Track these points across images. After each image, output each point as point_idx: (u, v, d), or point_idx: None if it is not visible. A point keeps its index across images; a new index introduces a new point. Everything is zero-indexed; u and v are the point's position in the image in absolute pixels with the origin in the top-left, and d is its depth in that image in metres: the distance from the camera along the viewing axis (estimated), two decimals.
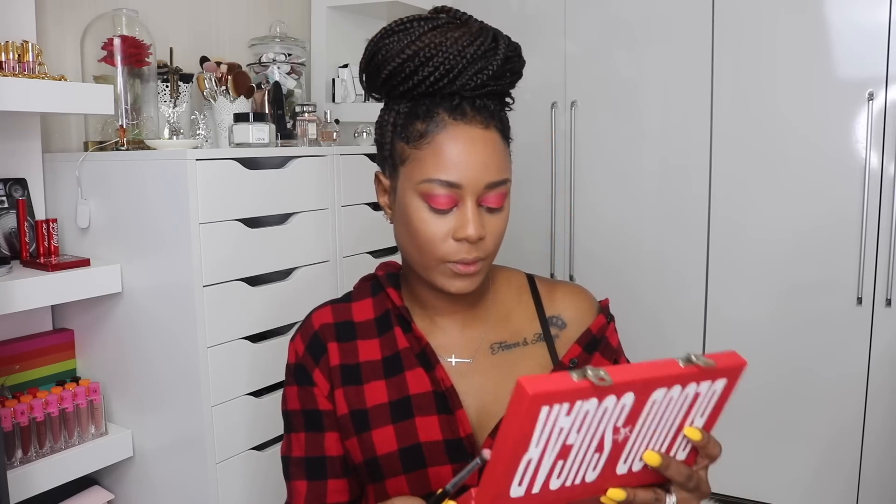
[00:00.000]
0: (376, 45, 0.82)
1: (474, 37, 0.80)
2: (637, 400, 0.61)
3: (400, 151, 0.83)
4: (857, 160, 1.91)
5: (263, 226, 1.48)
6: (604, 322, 0.92)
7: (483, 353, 0.89)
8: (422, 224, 0.80)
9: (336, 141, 1.79)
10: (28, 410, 1.30)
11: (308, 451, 0.88)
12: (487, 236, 0.81)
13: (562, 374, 0.57)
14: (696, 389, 0.63)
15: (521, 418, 0.56)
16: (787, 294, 2.03)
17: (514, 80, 0.85)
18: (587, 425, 0.60)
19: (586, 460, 0.63)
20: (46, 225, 1.43)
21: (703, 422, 0.67)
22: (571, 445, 0.60)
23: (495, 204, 0.81)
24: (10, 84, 1.20)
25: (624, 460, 0.65)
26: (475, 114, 0.80)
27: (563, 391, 0.56)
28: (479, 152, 0.79)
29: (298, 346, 0.92)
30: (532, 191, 2.36)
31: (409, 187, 0.81)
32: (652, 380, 0.60)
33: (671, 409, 0.64)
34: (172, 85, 1.64)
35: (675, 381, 0.62)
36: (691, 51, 2.08)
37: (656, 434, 0.65)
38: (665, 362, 0.62)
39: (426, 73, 0.79)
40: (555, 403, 0.56)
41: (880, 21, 1.85)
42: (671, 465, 0.66)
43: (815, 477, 2.05)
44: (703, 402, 0.65)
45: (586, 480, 0.64)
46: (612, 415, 0.60)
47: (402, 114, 0.83)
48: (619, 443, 0.63)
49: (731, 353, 0.65)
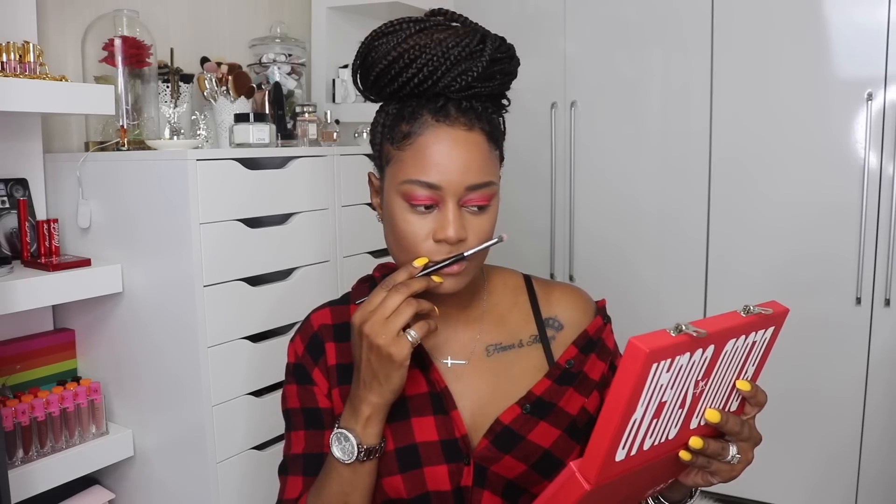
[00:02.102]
0: (367, 47, 0.83)
1: (460, 38, 0.80)
2: (715, 352, 0.63)
3: (386, 152, 0.83)
4: (856, 160, 1.91)
5: (263, 226, 1.49)
6: (601, 323, 0.93)
7: (478, 354, 0.90)
8: (403, 224, 0.81)
9: (336, 141, 1.79)
10: (29, 410, 1.31)
11: (307, 447, 0.89)
12: (471, 237, 0.81)
13: (660, 332, 0.59)
14: (754, 338, 0.67)
15: (634, 378, 0.56)
16: (787, 294, 2.03)
17: (505, 81, 0.85)
18: (679, 380, 0.61)
19: (672, 417, 0.64)
20: (47, 225, 1.43)
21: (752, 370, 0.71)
22: (665, 403, 0.62)
23: (480, 204, 0.81)
24: (11, 84, 1.20)
25: (696, 415, 0.67)
26: (459, 115, 0.80)
27: (669, 346, 0.58)
28: (460, 154, 0.79)
29: (298, 346, 0.93)
30: (532, 191, 2.36)
31: (392, 187, 0.82)
32: (728, 330, 0.63)
33: (735, 359, 0.67)
34: (173, 85, 1.64)
35: (743, 331, 0.65)
36: (691, 51, 2.08)
37: (721, 386, 0.68)
38: (729, 314, 0.65)
39: (410, 75, 0.79)
40: (662, 360, 0.58)
41: (879, 21, 1.85)
42: (729, 419, 0.69)
43: (814, 476, 2.05)
44: (756, 352, 0.69)
45: (668, 437, 0.66)
46: (696, 368, 0.62)
47: (391, 115, 0.83)
48: (696, 397, 0.65)
49: (773, 302, 0.70)
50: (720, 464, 0.71)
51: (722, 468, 0.71)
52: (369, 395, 0.79)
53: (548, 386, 0.87)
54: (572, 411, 0.87)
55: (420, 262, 0.79)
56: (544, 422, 0.85)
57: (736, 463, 0.71)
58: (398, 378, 0.78)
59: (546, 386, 0.87)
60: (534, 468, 0.85)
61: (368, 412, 0.79)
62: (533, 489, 0.86)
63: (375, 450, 0.81)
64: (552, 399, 0.87)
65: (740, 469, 0.72)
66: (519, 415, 0.85)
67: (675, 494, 0.81)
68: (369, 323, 0.77)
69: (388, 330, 0.76)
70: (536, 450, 0.85)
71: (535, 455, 0.85)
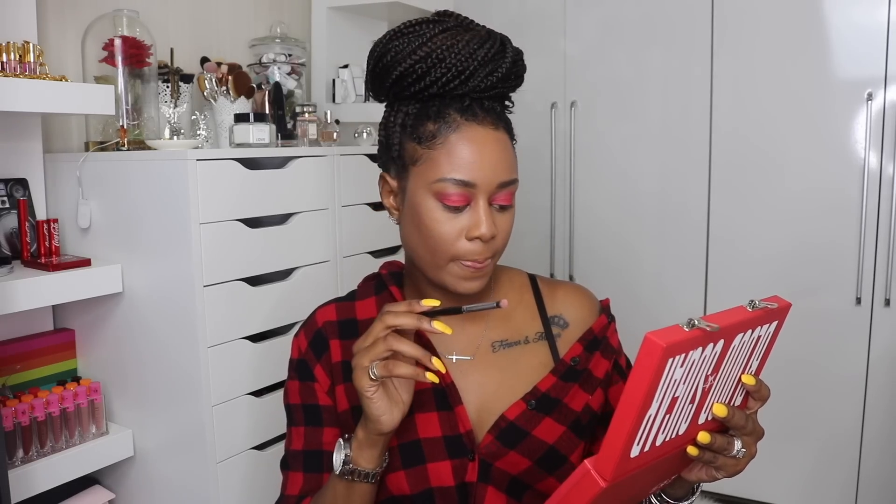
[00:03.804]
0: (385, 47, 0.83)
1: (483, 40, 0.81)
2: (724, 346, 0.63)
3: (411, 152, 0.83)
4: (856, 160, 1.91)
5: (264, 226, 1.49)
6: (605, 322, 0.93)
7: (484, 350, 0.90)
8: (435, 223, 0.81)
9: (336, 141, 1.79)
10: (29, 410, 1.31)
11: (307, 444, 0.90)
12: (497, 235, 0.82)
13: (674, 327, 0.59)
14: (759, 333, 0.67)
15: (651, 373, 0.56)
16: (787, 294, 2.01)
17: (517, 83, 0.87)
18: (692, 375, 0.61)
19: (683, 412, 0.64)
20: (47, 225, 1.43)
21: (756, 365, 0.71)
22: (677, 398, 0.62)
23: (505, 202, 0.83)
24: (11, 84, 1.20)
25: (705, 410, 0.67)
26: (485, 115, 0.82)
27: (684, 341, 0.58)
28: (491, 152, 0.81)
29: (301, 341, 0.93)
30: (532, 191, 2.36)
31: (421, 187, 0.82)
32: (737, 324, 0.63)
33: (742, 354, 0.67)
34: (173, 85, 1.64)
35: (749, 326, 0.65)
36: (691, 51, 2.08)
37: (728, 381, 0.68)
38: (736, 309, 0.66)
39: (439, 74, 0.80)
40: (677, 354, 0.58)
41: (879, 21, 1.85)
42: (735, 414, 0.69)
43: (814, 476, 2.05)
44: (760, 346, 0.69)
45: (679, 433, 0.66)
46: (707, 363, 0.62)
47: (412, 115, 0.83)
48: (706, 392, 0.65)
49: (776, 297, 0.70)
50: (726, 458, 0.71)
51: (727, 463, 0.71)
52: (362, 422, 0.78)
53: (553, 382, 0.88)
54: (577, 408, 0.88)
55: (427, 303, 0.75)
56: (549, 418, 0.86)
57: (741, 457, 0.72)
58: (368, 409, 0.76)
59: (551, 382, 0.88)
60: (538, 464, 0.85)
61: (361, 436, 0.79)
62: (536, 485, 0.86)
63: (365, 474, 0.79)
64: (557, 395, 0.87)
65: (745, 463, 0.73)
66: (524, 411, 0.85)
67: (677, 491, 0.81)
68: (356, 343, 0.77)
69: (361, 356, 0.75)
70: (541, 446, 0.85)
71: (539, 451, 0.85)
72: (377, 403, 0.75)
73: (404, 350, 0.73)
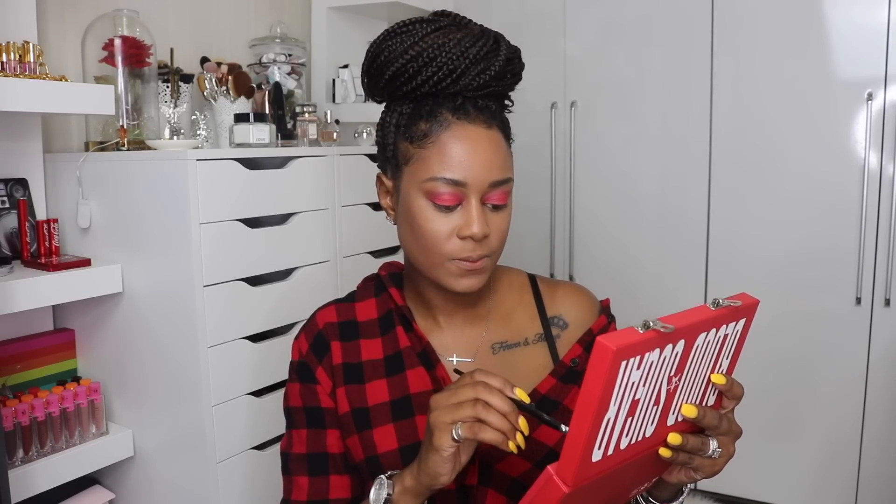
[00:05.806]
0: (378, 47, 0.83)
1: (476, 38, 0.81)
2: (686, 347, 0.63)
3: (404, 151, 0.83)
4: (856, 160, 1.91)
5: (264, 226, 1.49)
6: (605, 322, 0.93)
7: (484, 352, 0.90)
8: (426, 223, 0.81)
9: (336, 141, 1.79)
10: (29, 410, 1.31)
11: (310, 447, 0.89)
12: (492, 234, 0.82)
13: (628, 329, 0.58)
14: (725, 331, 0.67)
15: (604, 377, 0.56)
16: (787, 294, 2.03)
17: (514, 82, 0.86)
18: (651, 377, 0.61)
19: (647, 414, 0.64)
20: (47, 225, 1.43)
21: (727, 364, 0.70)
22: (638, 400, 0.61)
23: (499, 202, 0.82)
24: (11, 84, 1.20)
25: (672, 411, 0.67)
26: (478, 113, 0.81)
27: (637, 343, 0.57)
28: (483, 151, 0.80)
29: (302, 344, 0.92)
30: (532, 191, 2.36)
31: (413, 186, 0.82)
32: (698, 324, 0.63)
33: (708, 353, 0.66)
34: (173, 85, 1.64)
35: (712, 325, 0.64)
36: (691, 51, 2.08)
37: (696, 381, 0.67)
38: (698, 308, 0.65)
39: (430, 73, 0.80)
40: (631, 357, 0.57)
41: (879, 21, 1.85)
42: (707, 414, 0.68)
43: (814, 476, 2.05)
44: (728, 345, 0.69)
45: (646, 435, 0.65)
46: (668, 364, 0.62)
47: (405, 114, 0.83)
48: (671, 393, 0.65)
49: (743, 295, 0.69)
50: (702, 459, 0.70)
51: (704, 463, 0.71)
52: (414, 470, 0.75)
53: (553, 384, 0.87)
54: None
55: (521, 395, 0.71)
56: None
57: (717, 457, 0.71)
58: (433, 465, 0.72)
59: (551, 384, 0.87)
60: (538, 466, 0.85)
61: (409, 484, 0.76)
62: None
63: None
64: (557, 397, 0.87)
65: (722, 463, 0.72)
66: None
67: (663, 493, 0.80)
68: (437, 396, 0.74)
69: (445, 413, 0.71)
70: (541, 448, 0.85)
71: (539, 453, 0.85)
72: (447, 463, 0.72)
73: (492, 421, 0.69)
